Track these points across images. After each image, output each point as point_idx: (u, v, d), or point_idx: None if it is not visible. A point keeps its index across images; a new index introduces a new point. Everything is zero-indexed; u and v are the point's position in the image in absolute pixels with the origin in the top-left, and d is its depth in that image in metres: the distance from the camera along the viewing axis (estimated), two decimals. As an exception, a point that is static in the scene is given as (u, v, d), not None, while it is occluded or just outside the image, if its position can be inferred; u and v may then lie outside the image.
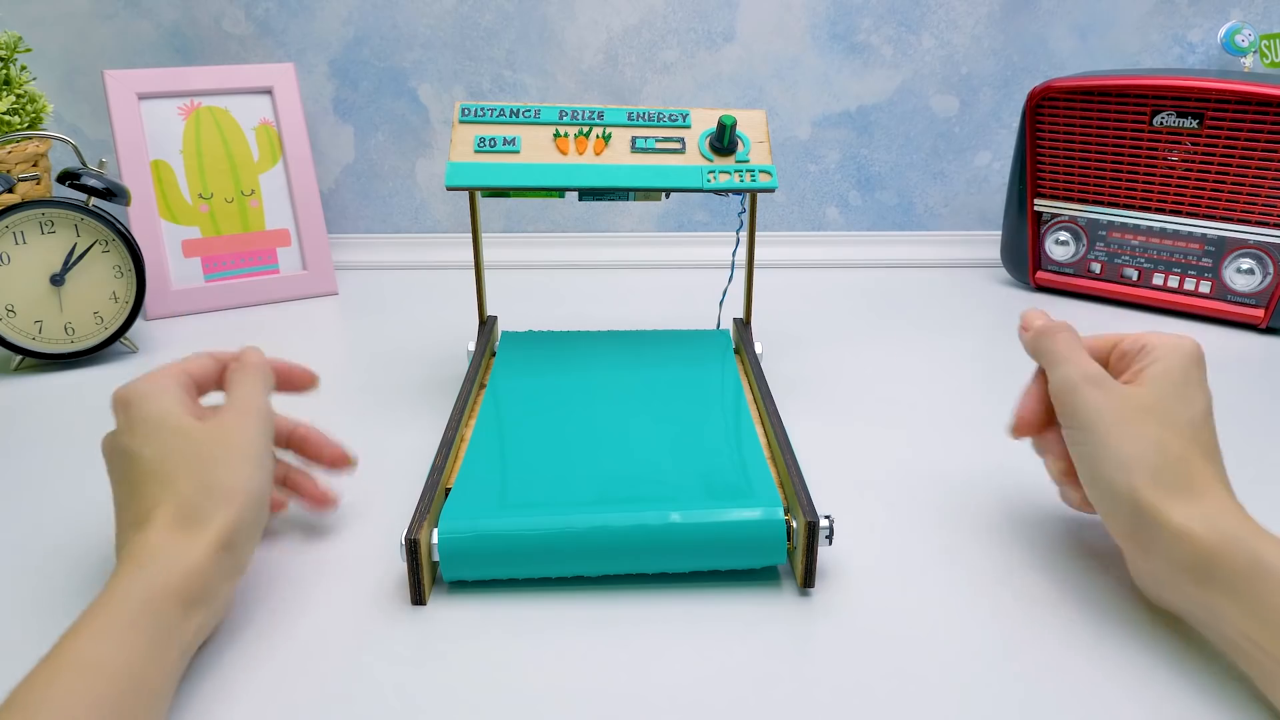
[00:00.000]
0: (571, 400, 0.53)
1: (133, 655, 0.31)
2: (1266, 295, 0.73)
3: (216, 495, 0.36)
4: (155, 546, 0.35)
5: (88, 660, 0.30)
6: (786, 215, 0.96)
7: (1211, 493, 0.36)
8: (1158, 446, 0.37)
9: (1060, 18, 0.88)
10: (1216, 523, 0.35)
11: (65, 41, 0.89)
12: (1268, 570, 0.33)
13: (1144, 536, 0.36)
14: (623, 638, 0.38)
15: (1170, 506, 0.35)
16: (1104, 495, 0.38)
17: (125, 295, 0.68)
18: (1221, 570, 0.34)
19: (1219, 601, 0.34)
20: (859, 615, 0.39)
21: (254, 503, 0.38)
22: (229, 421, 0.39)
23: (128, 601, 0.32)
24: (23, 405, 0.61)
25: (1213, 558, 0.34)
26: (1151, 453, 0.37)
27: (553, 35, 0.90)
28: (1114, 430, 0.37)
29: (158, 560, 0.34)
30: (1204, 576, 0.34)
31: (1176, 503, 0.35)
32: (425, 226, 0.97)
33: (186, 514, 0.36)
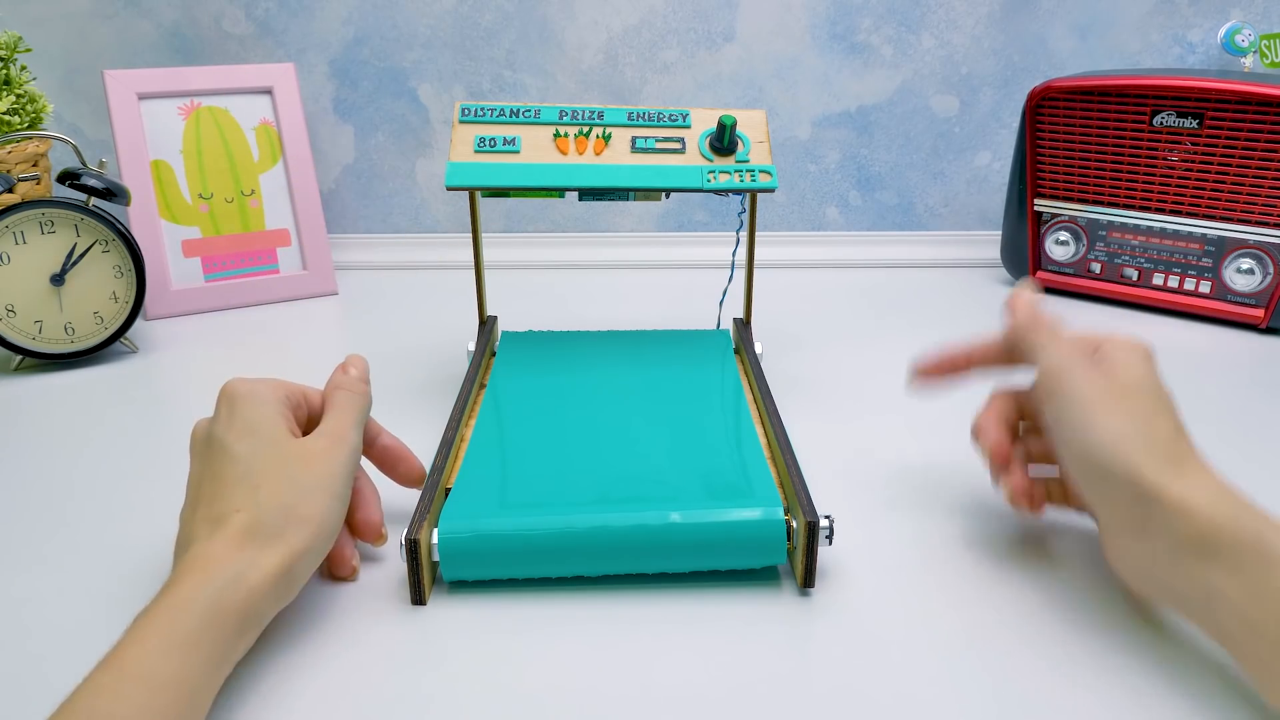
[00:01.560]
0: (571, 400, 0.53)
1: (194, 672, 0.31)
2: (1266, 295, 0.73)
3: (293, 517, 0.36)
4: (223, 560, 0.34)
5: (151, 674, 0.30)
6: (786, 215, 0.96)
7: (1205, 471, 0.36)
8: (1151, 422, 0.37)
9: (1060, 18, 0.88)
10: (1217, 498, 0.34)
11: (65, 41, 0.89)
12: (1271, 549, 0.32)
13: (1140, 513, 0.35)
14: (623, 638, 0.38)
15: (1169, 480, 0.35)
16: (1096, 474, 0.37)
17: (125, 295, 0.68)
18: (1223, 547, 0.33)
19: (1218, 580, 0.33)
20: (859, 615, 0.39)
21: (326, 533, 0.38)
22: (320, 447, 0.39)
23: (192, 616, 0.32)
24: (23, 405, 0.61)
25: (1215, 533, 0.33)
26: (1146, 427, 0.36)
27: (553, 35, 0.90)
28: (1106, 406, 0.37)
29: (224, 575, 0.34)
30: (1204, 553, 0.33)
31: (1174, 477, 0.35)
32: (425, 226, 0.97)
33: (260, 529, 0.35)
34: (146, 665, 0.30)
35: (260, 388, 0.40)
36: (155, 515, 0.47)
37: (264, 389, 0.40)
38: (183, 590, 0.33)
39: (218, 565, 0.34)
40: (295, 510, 0.36)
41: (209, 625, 0.32)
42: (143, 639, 0.31)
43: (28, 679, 0.36)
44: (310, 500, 0.37)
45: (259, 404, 0.39)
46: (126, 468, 0.53)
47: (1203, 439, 0.55)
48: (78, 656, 0.31)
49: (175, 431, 0.57)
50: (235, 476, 0.37)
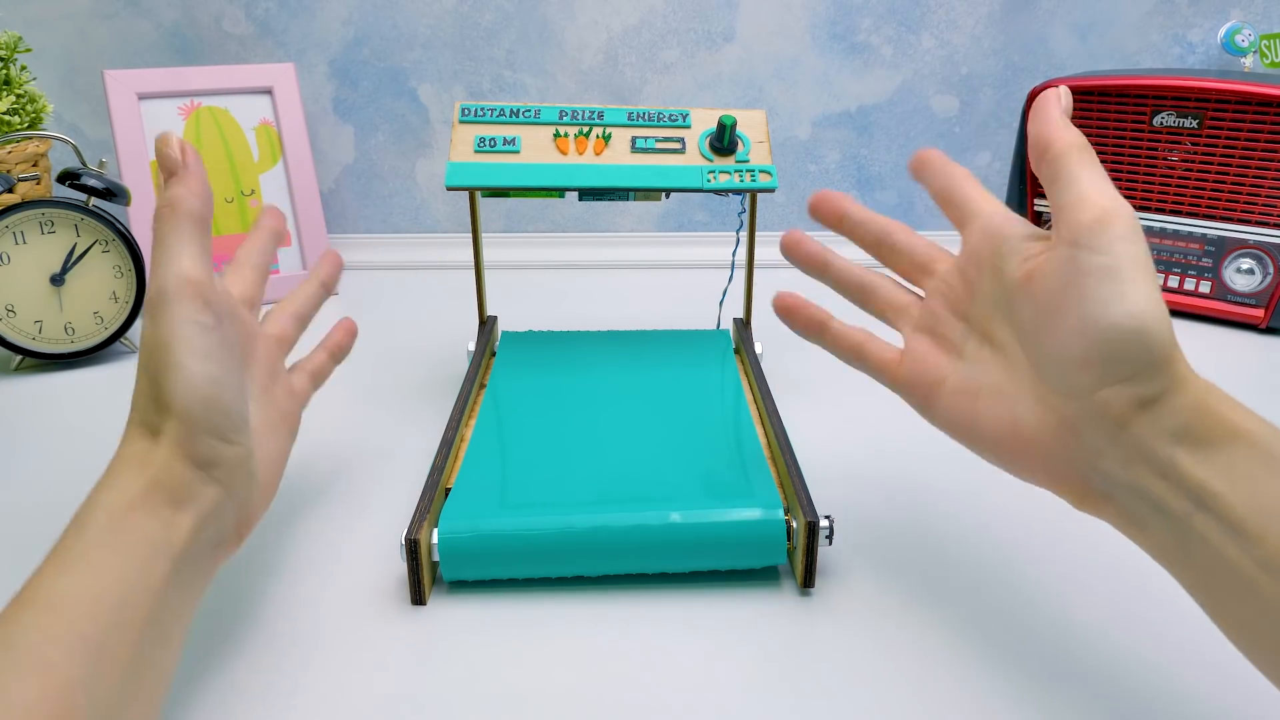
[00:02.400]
0: (571, 400, 0.53)
1: (107, 578, 0.28)
2: (1266, 295, 0.73)
3: (160, 403, 0.32)
4: (120, 459, 0.32)
5: (57, 593, 0.27)
6: (786, 215, 0.96)
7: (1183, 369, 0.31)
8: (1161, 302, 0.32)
9: (1060, 18, 0.88)
10: (1219, 393, 0.31)
11: (65, 41, 0.89)
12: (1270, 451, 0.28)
13: (1143, 392, 0.31)
14: (623, 638, 0.38)
15: (1181, 359, 0.31)
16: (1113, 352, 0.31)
17: (125, 295, 0.68)
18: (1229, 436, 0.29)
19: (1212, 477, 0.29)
20: (859, 615, 0.39)
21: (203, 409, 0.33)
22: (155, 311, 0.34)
23: (93, 522, 0.30)
24: (23, 405, 0.61)
25: (1223, 420, 0.29)
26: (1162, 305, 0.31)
27: (553, 35, 0.90)
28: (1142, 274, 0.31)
29: (122, 472, 0.31)
30: (1205, 442, 0.29)
31: (1182, 360, 0.31)
32: (425, 226, 0.97)
33: (145, 421, 0.33)
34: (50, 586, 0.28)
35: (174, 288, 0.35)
36: (155, 515, 0.47)
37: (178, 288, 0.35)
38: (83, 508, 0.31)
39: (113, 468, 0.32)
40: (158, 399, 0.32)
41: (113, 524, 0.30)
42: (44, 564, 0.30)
43: (28, 679, 0.36)
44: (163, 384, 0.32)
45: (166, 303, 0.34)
46: (126, 468, 0.53)
47: (1203, 439, 0.55)
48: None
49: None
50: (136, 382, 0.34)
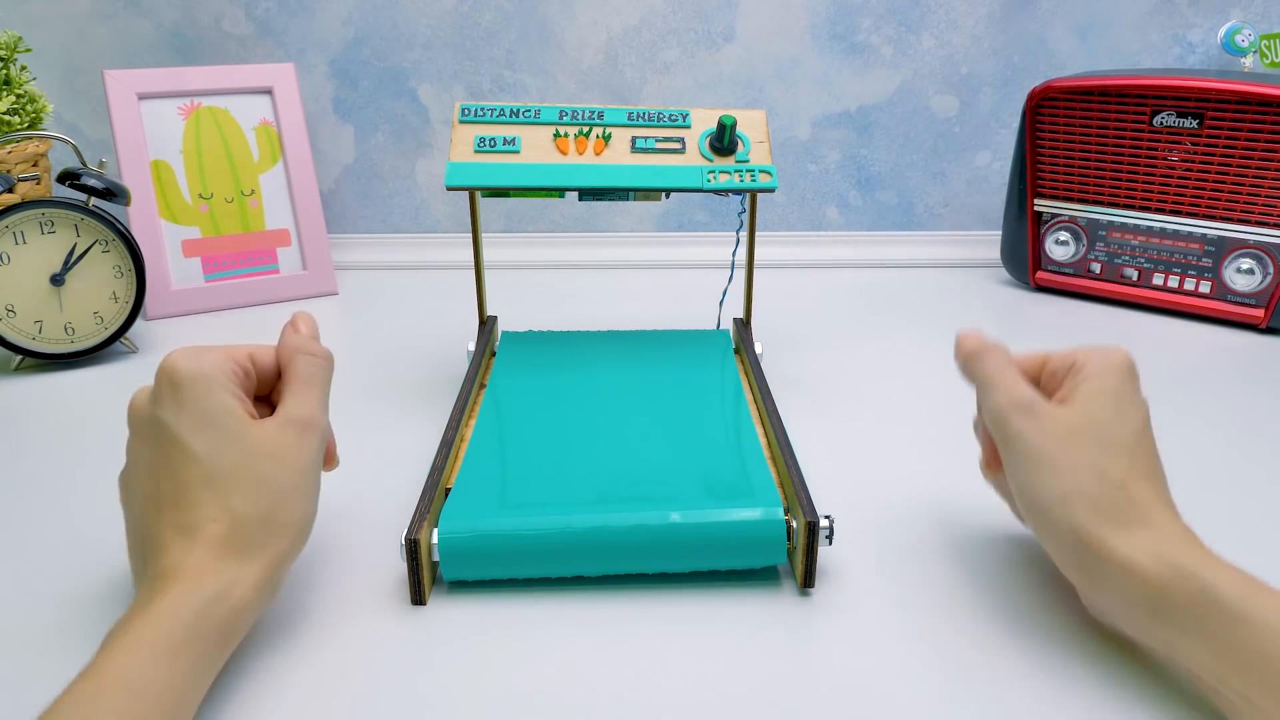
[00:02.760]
0: (571, 400, 0.53)
1: (176, 682, 0.30)
2: (1266, 295, 0.73)
3: (272, 525, 0.35)
4: (205, 573, 0.33)
5: (134, 683, 0.29)
6: (786, 215, 0.96)
7: (1155, 518, 0.34)
8: (1095, 474, 0.35)
9: (1060, 18, 0.88)
10: (1163, 553, 0.33)
11: (65, 41, 0.89)
12: (1219, 604, 0.31)
13: (1090, 571, 0.35)
14: (623, 638, 0.38)
15: (1114, 538, 0.34)
16: (1044, 528, 0.36)
17: (125, 295, 0.68)
18: (1173, 605, 0.32)
19: (1174, 637, 0.32)
20: (859, 615, 0.39)
21: (305, 534, 0.36)
22: (289, 437, 0.36)
23: (175, 626, 0.31)
24: (23, 405, 0.61)
25: (1163, 592, 0.32)
26: (1090, 482, 0.35)
27: (553, 35, 0.90)
28: (1048, 461, 0.35)
29: (208, 590, 0.32)
30: (1156, 611, 0.32)
31: (1120, 533, 0.34)
32: (425, 226, 0.97)
33: (240, 540, 0.34)
34: (130, 675, 0.29)
35: (207, 366, 0.36)
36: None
37: (211, 368, 0.36)
38: (166, 601, 0.32)
39: (200, 579, 0.33)
40: (274, 517, 0.35)
41: (193, 638, 0.31)
42: (125, 648, 0.30)
43: (28, 679, 0.36)
44: (288, 505, 0.35)
45: (210, 389, 0.35)
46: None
47: (1203, 439, 0.56)
48: (77, 656, 0.31)
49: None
50: (199, 479, 0.34)
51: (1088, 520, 0.34)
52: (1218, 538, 0.45)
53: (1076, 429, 0.36)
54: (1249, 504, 0.48)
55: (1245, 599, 0.31)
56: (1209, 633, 0.31)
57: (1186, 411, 0.59)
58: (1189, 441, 0.55)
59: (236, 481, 0.34)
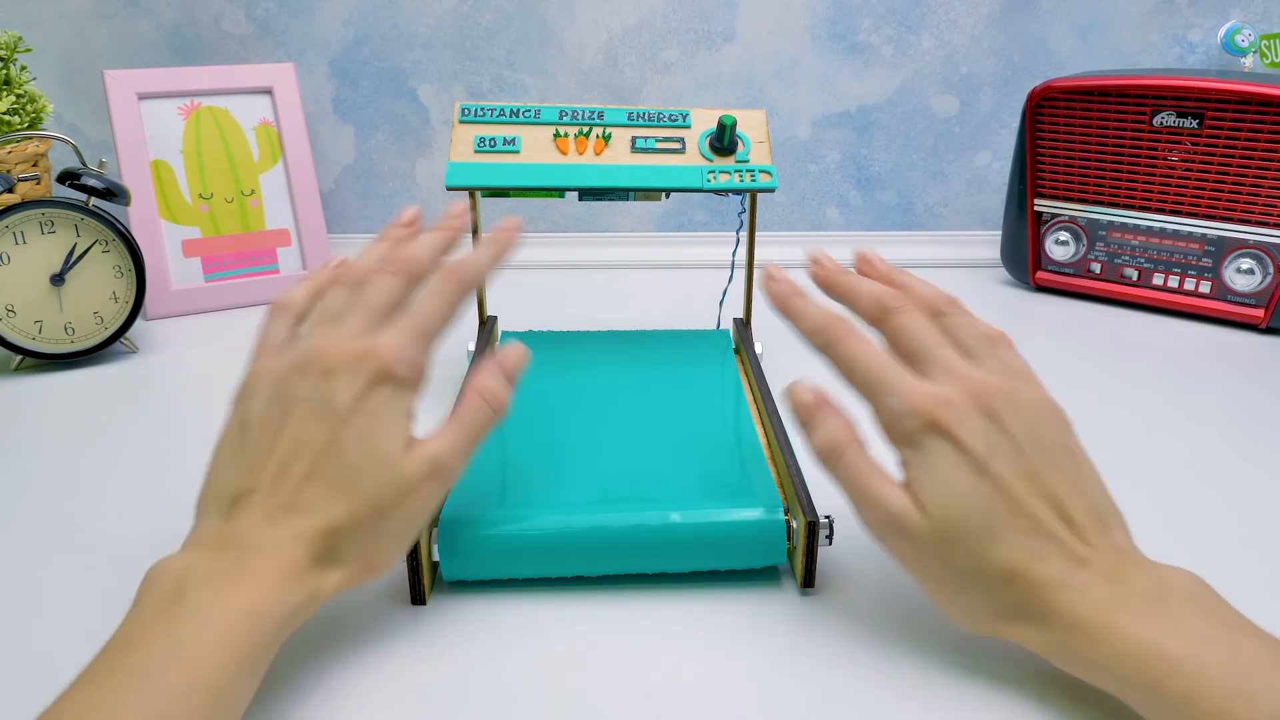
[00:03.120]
0: (571, 400, 0.53)
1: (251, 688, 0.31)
2: (1266, 295, 0.73)
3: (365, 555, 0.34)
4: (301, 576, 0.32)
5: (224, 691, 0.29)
6: (786, 215, 0.96)
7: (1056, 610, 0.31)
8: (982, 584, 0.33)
9: (1060, 18, 0.88)
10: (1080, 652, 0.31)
11: (65, 41, 0.89)
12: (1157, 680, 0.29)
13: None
14: (623, 638, 0.38)
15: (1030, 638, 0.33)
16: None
17: (125, 295, 0.68)
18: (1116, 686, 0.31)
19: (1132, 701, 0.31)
20: (859, 615, 0.39)
21: (381, 577, 0.36)
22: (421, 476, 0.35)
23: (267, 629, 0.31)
24: (23, 405, 0.61)
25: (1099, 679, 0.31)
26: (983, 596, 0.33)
27: (553, 35, 0.90)
28: (933, 586, 0.34)
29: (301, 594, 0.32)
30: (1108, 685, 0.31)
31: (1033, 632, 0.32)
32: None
33: (337, 553, 0.34)
34: (218, 681, 0.28)
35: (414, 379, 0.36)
36: (156, 515, 0.47)
37: (415, 381, 0.36)
38: (261, 600, 0.31)
39: (297, 582, 0.32)
40: (368, 548, 0.34)
41: (275, 641, 0.31)
42: (221, 645, 0.29)
43: (28, 680, 0.36)
44: (388, 545, 0.35)
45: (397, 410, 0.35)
46: (126, 468, 0.53)
47: (1203, 439, 0.56)
48: (77, 657, 0.30)
49: (175, 432, 0.57)
50: (334, 476, 0.33)
51: (998, 630, 0.33)
52: (1218, 538, 0.45)
53: (944, 541, 0.33)
54: (1249, 504, 0.48)
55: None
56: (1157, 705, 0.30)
57: (1186, 411, 0.59)
58: (1189, 441, 0.55)
59: (364, 498, 0.33)
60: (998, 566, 0.32)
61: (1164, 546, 0.44)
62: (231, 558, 0.32)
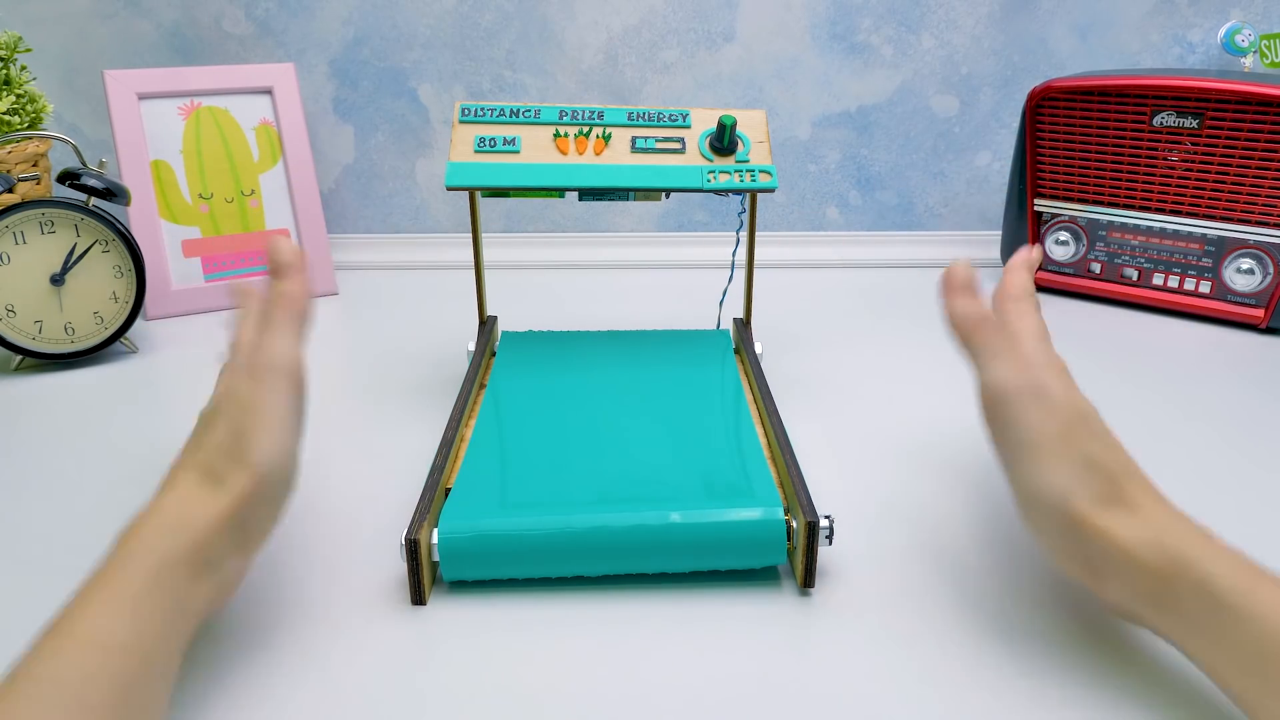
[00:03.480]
0: (571, 400, 0.53)
1: (145, 630, 0.30)
2: (1266, 295, 0.73)
3: (237, 457, 0.35)
4: (169, 507, 0.34)
5: (98, 636, 0.29)
6: (786, 215, 0.96)
7: (1150, 506, 0.34)
8: (1092, 462, 0.34)
9: (1060, 18, 0.88)
10: (1165, 542, 0.32)
11: (65, 41, 0.89)
12: (1218, 598, 0.30)
13: (1094, 565, 0.34)
14: (623, 638, 0.38)
15: (1116, 529, 0.33)
16: (1043, 518, 0.35)
17: (125, 295, 0.68)
18: (1175, 597, 0.32)
19: (1178, 632, 0.32)
20: (859, 615, 0.39)
21: (275, 478, 0.36)
22: (259, 378, 0.37)
23: (139, 568, 0.31)
24: (23, 405, 0.61)
25: (1165, 584, 0.32)
26: (1088, 470, 0.34)
27: (553, 35, 0.90)
28: (1054, 452, 0.35)
29: (169, 522, 0.33)
30: (1159, 604, 0.32)
31: (1120, 523, 0.33)
32: (425, 226, 0.97)
33: (210, 470, 0.35)
34: (95, 626, 0.29)
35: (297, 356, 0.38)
36: (155, 515, 0.47)
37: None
38: (130, 544, 0.32)
39: (164, 513, 0.33)
40: (237, 449, 0.35)
41: (158, 579, 0.31)
42: (90, 598, 0.30)
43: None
44: (250, 441, 0.35)
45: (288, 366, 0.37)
46: (126, 468, 0.53)
47: (1203, 439, 0.56)
48: (78, 656, 0.31)
49: (175, 431, 0.57)
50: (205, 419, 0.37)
51: (1089, 513, 0.34)
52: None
53: (1072, 421, 0.35)
54: (1249, 504, 0.48)
55: (1245, 594, 0.30)
56: (1209, 627, 0.31)
57: (1186, 411, 0.59)
58: (1189, 441, 0.55)
59: (218, 418, 0.36)
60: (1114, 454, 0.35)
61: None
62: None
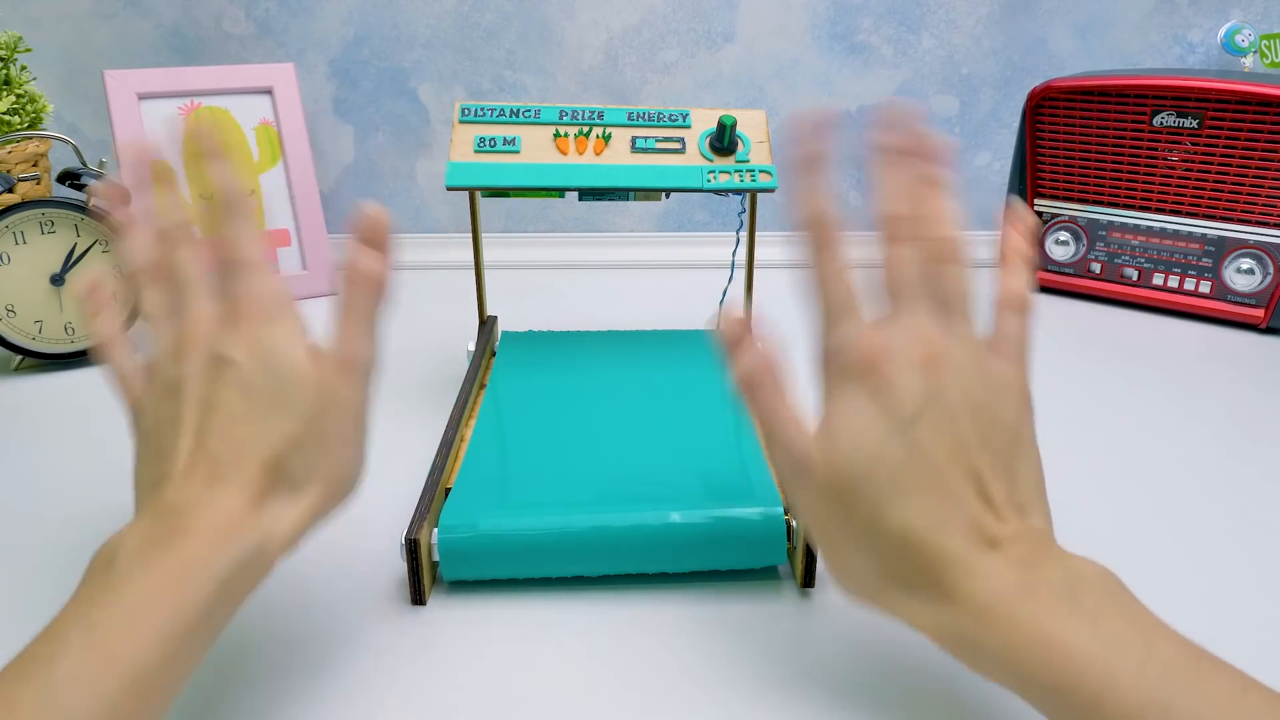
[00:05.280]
0: (571, 400, 0.53)
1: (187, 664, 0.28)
2: (1266, 295, 0.73)
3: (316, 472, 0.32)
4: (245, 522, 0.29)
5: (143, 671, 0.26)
6: (786, 215, 0.96)
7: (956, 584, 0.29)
8: (876, 545, 0.30)
9: (1060, 18, 0.88)
10: (979, 639, 0.28)
11: (65, 41, 0.89)
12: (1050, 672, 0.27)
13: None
14: (622, 638, 0.38)
15: (921, 617, 0.30)
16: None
17: (125, 295, 0.68)
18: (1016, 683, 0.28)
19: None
20: (859, 615, 0.39)
21: (347, 491, 0.33)
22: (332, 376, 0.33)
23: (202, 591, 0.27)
24: (23, 405, 0.61)
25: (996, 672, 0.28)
26: (875, 559, 0.30)
27: (553, 35, 0.90)
28: (825, 542, 0.32)
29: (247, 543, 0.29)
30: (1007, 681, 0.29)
31: (926, 611, 0.29)
32: (425, 226, 0.97)
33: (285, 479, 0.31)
34: (139, 660, 0.26)
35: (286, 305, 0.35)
36: (155, 515, 0.47)
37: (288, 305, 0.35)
38: (191, 558, 0.27)
39: (239, 529, 0.29)
40: (322, 464, 0.32)
41: (218, 608, 0.28)
42: (137, 620, 0.26)
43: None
44: (342, 453, 0.32)
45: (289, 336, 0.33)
46: (127, 468, 0.53)
47: (1202, 439, 0.56)
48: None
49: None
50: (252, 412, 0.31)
51: (888, 602, 0.30)
52: (1217, 539, 0.45)
53: (845, 490, 0.30)
54: (1249, 504, 0.48)
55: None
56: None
57: (1187, 411, 0.59)
58: (1189, 441, 0.55)
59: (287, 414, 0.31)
60: (896, 527, 0.29)
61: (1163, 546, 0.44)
62: (165, 524, 0.29)
